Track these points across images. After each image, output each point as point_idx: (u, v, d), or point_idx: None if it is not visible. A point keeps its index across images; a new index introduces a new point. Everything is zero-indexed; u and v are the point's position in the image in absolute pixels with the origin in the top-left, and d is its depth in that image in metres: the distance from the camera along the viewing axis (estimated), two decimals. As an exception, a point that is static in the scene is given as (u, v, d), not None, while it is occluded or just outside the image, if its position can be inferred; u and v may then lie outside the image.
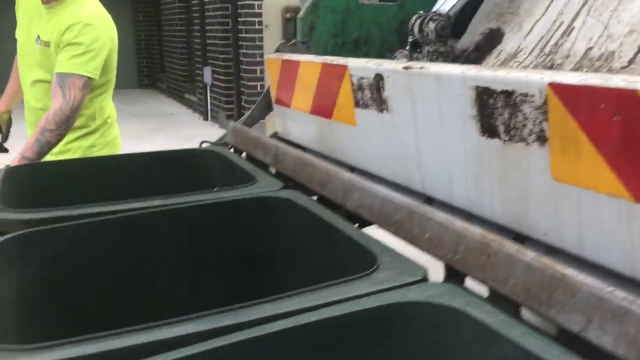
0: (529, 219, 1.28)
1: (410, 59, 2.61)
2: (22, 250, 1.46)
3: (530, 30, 2.46)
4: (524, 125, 1.22)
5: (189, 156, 2.29)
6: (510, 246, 1.06)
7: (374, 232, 1.44)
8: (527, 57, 2.41)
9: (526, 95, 1.19)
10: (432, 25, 2.35)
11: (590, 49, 2.13)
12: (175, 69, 12.21)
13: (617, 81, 1.01)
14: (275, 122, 2.61)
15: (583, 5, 2.30)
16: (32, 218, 1.56)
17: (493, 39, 2.66)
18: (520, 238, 1.36)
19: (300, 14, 2.73)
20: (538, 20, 2.45)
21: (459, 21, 2.80)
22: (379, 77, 1.71)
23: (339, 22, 2.78)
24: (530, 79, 1.18)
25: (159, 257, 1.65)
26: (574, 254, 1.18)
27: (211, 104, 9.66)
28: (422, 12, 2.41)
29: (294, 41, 2.62)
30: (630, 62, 1.98)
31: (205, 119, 9.90)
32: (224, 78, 8.91)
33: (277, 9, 2.89)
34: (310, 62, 2.13)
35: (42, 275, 1.48)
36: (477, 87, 1.33)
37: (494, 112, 1.30)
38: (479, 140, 1.37)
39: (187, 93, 11.34)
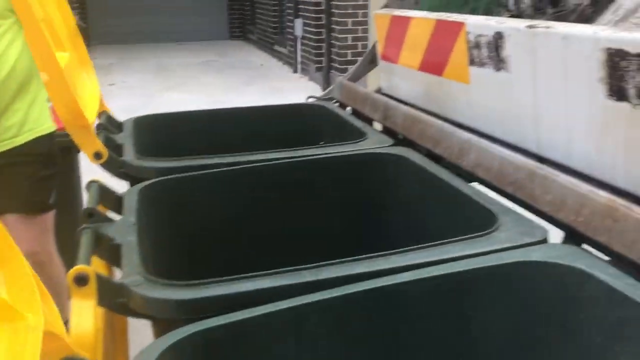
0: (656, 185, 1.26)
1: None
2: (158, 196, 1.60)
3: (657, -17, 2.31)
4: (659, 87, 1.19)
5: (299, 110, 2.38)
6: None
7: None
8: (650, 13, 2.28)
9: (665, 58, 1.16)
10: None
11: None
12: (266, 20, 12.31)
13: None
14: (380, 78, 2.63)
15: None
16: (166, 166, 1.70)
17: (612, -6, 2.53)
18: (643, 204, 1.35)
19: (409, -32, 2.70)
20: (666, -27, 2.30)
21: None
22: (498, 35, 1.69)
23: None
24: (672, 41, 1.15)
25: (272, 208, 1.76)
26: None
27: (301, 55, 9.73)
28: None
29: (402, -4, 2.60)
30: None
31: (295, 71, 10.01)
32: (315, 30, 8.91)
33: (384, -37, 2.86)
34: (423, 17, 2.13)
35: (171, 219, 1.63)
36: (609, 49, 1.30)
37: (626, 75, 1.27)
38: (605, 103, 1.35)
39: (278, 45, 11.45)
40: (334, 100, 2.57)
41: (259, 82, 9.28)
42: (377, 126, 2.29)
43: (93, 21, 12.56)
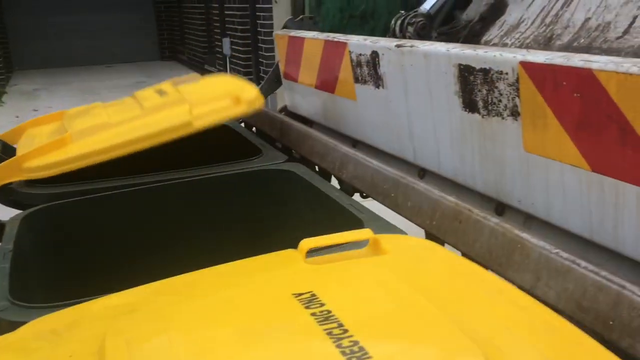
0: (505, 188, 1.38)
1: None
2: (49, 221, 1.61)
3: (533, 1, 2.50)
4: (500, 101, 1.31)
5: (202, 131, 2.41)
6: (479, 213, 1.17)
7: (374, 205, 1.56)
8: (528, 27, 2.47)
9: (501, 72, 1.28)
10: (411, 28, 2.39)
11: (588, 19, 2.19)
12: (195, 40, 12.30)
13: (576, 61, 1.10)
14: (285, 96, 2.71)
15: (584, -24, 2.34)
16: (54, 192, 1.71)
17: (497, 9, 2.71)
18: (502, 206, 1.47)
19: (308, -11, 2.81)
20: (541, -9, 2.50)
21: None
22: (375, 54, 1.80)
23: None
24: (505, 57, 1.27)
25: (162, 229, 1.80)
26: (544, 220, 1.29)
27: (230, 74, 9.77)
28: (402, 11, 2.45)
29: (301, 17, 2.70)
30: (625, 32, 2.03)
31: (226, 90, 10.02)
32: (243, 49, 8.98)
33: (286, -16, 2.97)
34: (314, 38, 2.23)
35: (65, 243, 1.64)
36: (460, 65, 1.42)
37: (474, 88, 1.39)
38: (461, 115, 1.47)
39: (208, 64, 11.44)
40: (240, 120, 2.63)
41: (188, 103, 9.23)
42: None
43: (14, 46, 12.19)
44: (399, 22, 2.42)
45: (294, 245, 1.05)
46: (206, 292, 0.96)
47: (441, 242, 1.28)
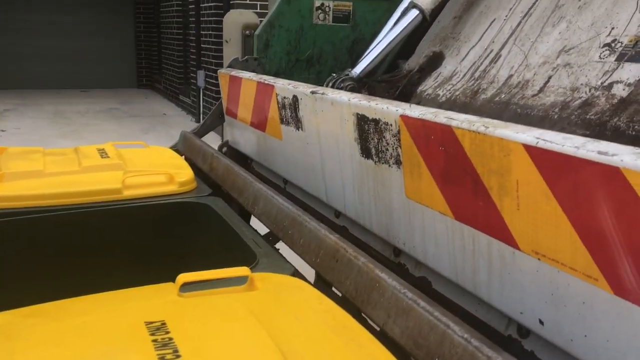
0: (393, 231, 1.47)
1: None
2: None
3: (466, 55, 2.66)
4: (387, 150, 1.41)
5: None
6: (352, 252, 1.25)
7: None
8: (459, 80, 2.61)
9: (387, 124, 1.38)
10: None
11: (511, 76, 2.33)
12: (172, 70, 12.44)
13: (441, 117, 1.20)
14: (226, 132, 2.80)
15: (511, 35, 2.50)
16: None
17: (434, 61, 2.86)
18: (397, 249, 1.55)
19: (257, 31, 2.93)
20: (473, 47, 2.65)
21: (408, 42, 2.99)
22: (295, 98, 1.90)
23: (293, 41, 2.98)
24: (390, 110, 1.37)
25: (92, 251, 1.84)
26: (421, 262, 1.37)
27: (203, 106, 9.88)
28: (334, 74, 2.57)
29: (246, 57, 2.81)
30: (540, 90, 2.18)
31: (197, 120, 10.11)
32: (216, 82, 9.11)
33: (238, 25, 3.08)
34: (249, 79, 2.33)
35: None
36: (357, 114, 1.52)
37: (368, 136, 1.48)
38: (360, 160, 1.56)
39: (182, 95, 11.57)
40: (180, 153, 2.70)
41: (158, 130, 9.29)
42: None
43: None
44: (330, 84, 2.54)
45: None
46: (69, 317, 1.01)
47: (328, 282, 1.35)
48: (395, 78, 2.97)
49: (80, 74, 13.73)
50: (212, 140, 2.94)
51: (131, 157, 2.17)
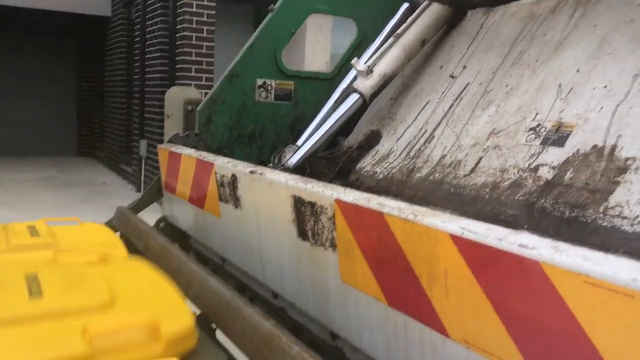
0: (329, 315, 1.45)
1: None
2: None
3: (402, 134, 2.75)
4: (323, 233, 1.42)
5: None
6: (287, 341, 1.22)
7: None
8: (396, 159, 2.69)
9: (322, 207, 1.40)
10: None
11: (444, 156, 2.42)
12: (113, 139, 12.30)
13: (374, 203, 1.23)
14: (164, 207, 2.76)
15: (444, 117, 2.62)
16: None
17: (373, 140, 2.94)
18: (334, 334, 1.53)
19: (199, 107, 2.95)
20: (409, 127, 2.75)
21: (347, 120, 3.08)
22: (234, 177, 1.90)
23: (235, 116, 3.01)
24: (325, 194, 1.39)
25: None
26: (357, 347, 1.36)
27: (145, 175, 9.73)
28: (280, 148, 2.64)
29: (187, 133, 2.82)
30: (471, 171, 2.26)
31: (138, 190, 9.93)
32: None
33: (180, 100, 3.10)
34: (189, 155, 2.32)
35: None
36: (294, 196, 1.53)
37: (305, 218, 1.49)
38: (297, 242, 1.56)
39: (123, 164, 11.39)
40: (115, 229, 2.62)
41: (97, 200, 9.04)
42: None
43: None
44: (276, 159, 2.59)
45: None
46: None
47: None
48: (335, 155, 3.04)
49: (19, 141, 13.35)
50: (155, 212, 2.88)
51: (63, 235, 2.09)
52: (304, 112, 3.15)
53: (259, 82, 3.01)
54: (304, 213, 1.49)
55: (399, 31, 2.86)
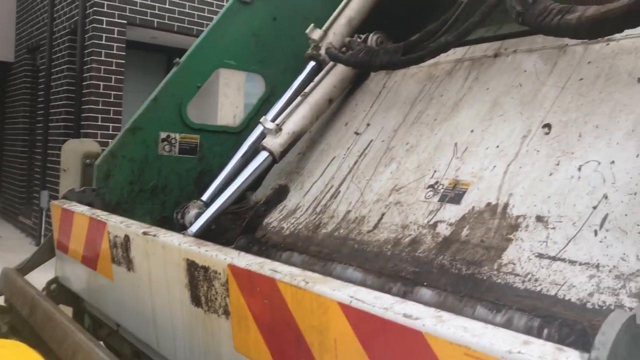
0: (223, 386, 1.37)
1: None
2: None
3: (309, 189, 2.75)
4: (216, 299, 1.35)
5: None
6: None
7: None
8: (302, 214, 2.67)
9: (216, 272, 1.34)
10: None
11: (349, 211, 2.43)
12: (13, 189, 11.58)
13: (266, 269, 1.19)
14: (56, 267, 2.57)
15: (349, 172, 2.64)
16: None
17: (280, 194, 2.92)
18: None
19: (97, 161, 2.82)
20: (316, 182, 2.76)
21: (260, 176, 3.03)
22: (127, 238, 1.81)
23: (136, 170, 2.90)
24: (218, 258, 1.34)
25: None
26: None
27: (45, 229, 9.17)
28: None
29: (83, 188, 2.67)
30: (374, 227, 2.27)
31: (37, 244, 9.31)
32: (62, 203, 8.58)
33: (77, 154, 2.95)
34: (82, 213, 2.19)
35: None
36: (188, 260, 1.46)
37: (198, 284, 1.43)
38: (190, 308, 1.48)
39: (23, 216, 10.71)
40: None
41: (-10, 256, 8.39)
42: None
43: None
44: (179, 214, 2.50)
45: None
46: None
47: None
48: (242, 210, 2.98)
49: None
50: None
51: None
52: (211, 166, 3.09)
53: (163, 135, 2.94)
54: (197, 278, 1.42)
55: (306, 90, 2.90)
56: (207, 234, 2.41)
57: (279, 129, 2.76)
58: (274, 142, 2.73)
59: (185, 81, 2.96)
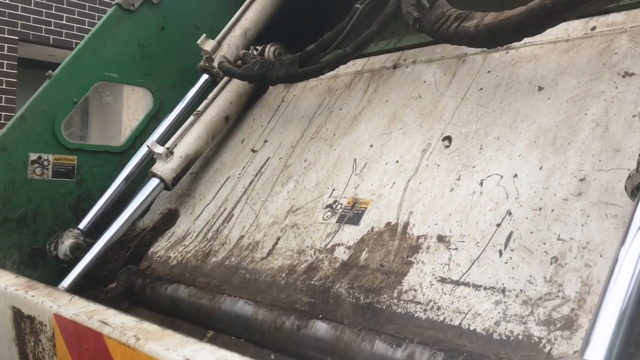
0: None
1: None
2: None
3: (200, 213, 2.48)
4: (44, 358, 1.07)
5: None
6: None
7: None
8: (192, 241, 2.40)
9: (42, 324, 1.06)
10: None
11: (242, 237, 2.18)
12: None
13: (95, 320, 0.93)
14: None
15: (244, 193, 2.40)
16: None
17: (169, 220, 2.63)
18: None
19: (-54, 190, 2.43)
20: (208, 205, 2.49)
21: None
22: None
23: (1, 197, 2.52)
24: (44, 306, 1.06)
25: None
26: None
27: None
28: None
29: None
30: (269, 253, 2.04)
31: None
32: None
33: None
34: None
35: None
36: (14, 308, 1.17)
37: (25, 338, 1.14)
38: (15, 368, 1.19)
39: None
40: None
41: None
42: None
43: None
44: (52, 245, 2.22)
45: None
46: None
47: None
48: (126, 238, 2.66)
49: None
50: None
51: None
52: (90, 190, 2.75)
53: (33, 156, 2.58)
54: (24, 330, 1.14)
55: (200, 108, 2.65)
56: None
57: (169, 152, 2.49)
58: (165, 168, 2.45)
59: (59, 96, 2.62)
